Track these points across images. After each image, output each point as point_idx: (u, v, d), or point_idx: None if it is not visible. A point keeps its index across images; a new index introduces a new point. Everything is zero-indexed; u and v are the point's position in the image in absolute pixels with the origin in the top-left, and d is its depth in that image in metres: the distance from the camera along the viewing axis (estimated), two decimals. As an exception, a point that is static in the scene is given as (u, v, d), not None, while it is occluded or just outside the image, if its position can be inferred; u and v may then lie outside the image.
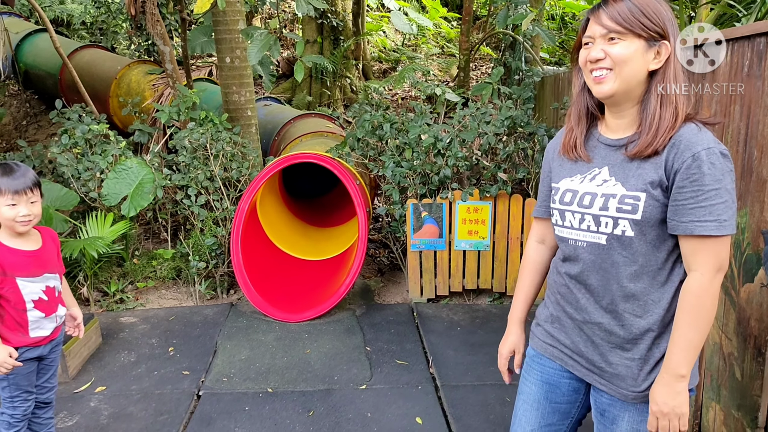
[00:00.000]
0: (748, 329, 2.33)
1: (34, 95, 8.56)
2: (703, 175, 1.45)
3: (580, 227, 1.66)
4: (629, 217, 1.55)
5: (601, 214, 1.60)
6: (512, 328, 1.99)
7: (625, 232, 1.56)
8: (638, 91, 1.55)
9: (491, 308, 4.67)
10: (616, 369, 1.64)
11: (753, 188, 2.28)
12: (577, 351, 1.74)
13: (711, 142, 1.47)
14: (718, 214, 1.45)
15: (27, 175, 2.36)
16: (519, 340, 1.97)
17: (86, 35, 9.54)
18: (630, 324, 1.61)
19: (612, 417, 1.69)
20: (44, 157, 5.46)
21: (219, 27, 5.43)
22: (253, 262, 4.74)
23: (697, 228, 1.46)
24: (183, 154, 4.97)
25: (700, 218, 1.46)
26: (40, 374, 2.57)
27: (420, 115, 4.86)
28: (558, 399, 1.83)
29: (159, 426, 3.12)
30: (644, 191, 1.53)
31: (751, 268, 2.31)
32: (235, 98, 5.56)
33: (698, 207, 1.46)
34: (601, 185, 1.61)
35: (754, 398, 2.30)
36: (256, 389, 3.49)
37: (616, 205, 1.56)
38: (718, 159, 1.45)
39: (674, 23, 1.53)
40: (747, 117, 2.31)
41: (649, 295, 1.59)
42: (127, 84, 6.98)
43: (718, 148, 1.46)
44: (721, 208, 1.45)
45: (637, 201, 1.53)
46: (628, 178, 1.56)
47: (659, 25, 1.50)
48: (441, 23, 11.67)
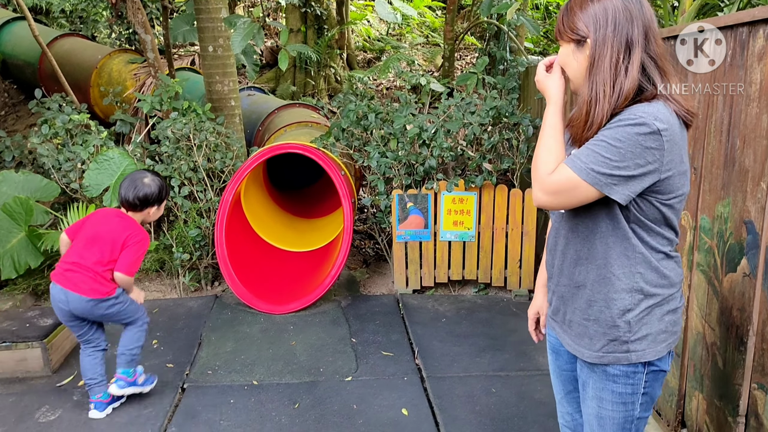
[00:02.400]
0: (731, 319, 2.35)
1: (12, 85, 8.41)
2: (606, 128, 1.53)
3: None
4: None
5: None
6: (537, 292, 2.10)
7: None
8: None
9: (477, 299, 4.68)
10: (576, 329, 1.76)
11: (735, 178, 2.30)
12: (554, 312, 1.87)
13: (640, 112, 1.50)
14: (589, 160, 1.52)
15: None
16: (542, 302, 2.06)
17: (66, 24, 9.38)
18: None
19: (582, 381, 1.81)
20: (24, 148, 5.38)
21: (201, 15, 5.35)
22: (238, 254, 4.71)
23: (568, 159, 1.58)
24: (166, 145, 4.90)
25: (577, 154, 1.56)
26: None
27: (405, 105, 4.83)
28: (563, 366, 1.95)
29: (143, 420, 3.10)
30: None
31: (733, 257, 2.33)
32: (219, 88, 5.50)
33: (584, 148, 1.56)
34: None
35: (736, 387, 2.32)
36: (242, 381, 3.47)
37: None
38: (631, 127, 1.49)
39: (602, 21, 1.57)
40: (730, 107, 2.32)
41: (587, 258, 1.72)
42: (108, 73, 6.88)
43: (644, 119, 1.49)
44: (588, 153, 1.53)
45: None
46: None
47: (581, 29, 1.59)
48: (425, 12, 11.62)
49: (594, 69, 1.58)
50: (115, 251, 3.04)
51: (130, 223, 3.11)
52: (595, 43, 1.57)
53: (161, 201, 3.21)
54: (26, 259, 4.34)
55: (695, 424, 2.65)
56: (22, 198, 4.40)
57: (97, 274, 3.01)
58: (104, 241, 3.04)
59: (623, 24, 1.55)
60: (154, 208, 3.18)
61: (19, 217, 4.38)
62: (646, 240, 1.62)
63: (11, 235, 4.36)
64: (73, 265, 3.02)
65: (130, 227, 3.09)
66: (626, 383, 1.69)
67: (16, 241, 4.36)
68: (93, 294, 2.99)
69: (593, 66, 1.58)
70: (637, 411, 1.72)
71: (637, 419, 1.74)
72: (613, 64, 1.55)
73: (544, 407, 3.17)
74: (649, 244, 1.63)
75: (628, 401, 1.71)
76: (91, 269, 3.01)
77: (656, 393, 1.74)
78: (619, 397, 1.71)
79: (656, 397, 1.76)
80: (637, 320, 1.64)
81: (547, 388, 3.34)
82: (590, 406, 1.78)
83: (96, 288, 3.00)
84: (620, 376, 1.68)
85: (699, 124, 2.53)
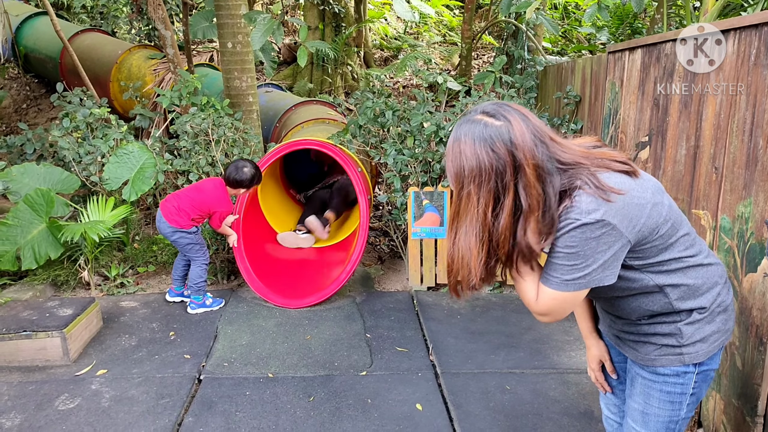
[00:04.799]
0: (750, 318, 2.34)
1: (34, 79, 8.52)
2: (555, 237, 1.49)
3: None
4: None
5: None
6: (589, 341, 2.01)
7: None
8: None
9: (491, 297, 4.67)
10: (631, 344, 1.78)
11: (758, 178, 2.28)
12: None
13: (571, 217, 1.46)
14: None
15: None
16: (601, 349, 1.98)
17: (86, 19, 9.48)
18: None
19: (632, 376, 1.82)
20: (45, 141, 5.45)
21: (221, 12, 5.39)
22: (254, 249, 4.74)
23: (542, 278, 1.57)
24: (184, 139, 4.95)
25: (547, 270, 1.54)
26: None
27: (422, 103, 4.84)
28: (614, 358, 1.96)
29: (160, 409, 3.13)
30: None
31: (754, 257, 2.31)
32: (237, 84, 5.54)
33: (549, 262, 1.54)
34: None
35: (755, 387, 2.31)
36: (257, 374, 3.50)
37: None
38: (571, 233, 1.46)
39: (463, 168, 1.50)
40: (753, 106, 2.31)
41: (623, 301, 1.71)
42: (127, 68, 6.95)
43: (577, 222, 1.45)
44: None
45: None
46: None
47: (455, 181, 1.53)
48: (443, 11, 11.61)
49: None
50: (204, 206, 4.16)
51: (223, 193, 4.21)
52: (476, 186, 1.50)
53: (249, 187, 4.24)
54: (46, 250, 4.40)
55: (712, 423, 2.64)
56: (43, 190, 4.46)
57: (182, 211, 4.12)
58: (201, 192, 4.20)
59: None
60: (242, 190, 4.25)
61: (40, 209, 4.44)
62: (663, 270, 1.60)
63: (32, 226, 4.42)
64: (174, 197, 4.20)
65: (221, 197, 4.20)
66: (676, 383, 1.69)
67: (36, 232, 4.42)
68: (174, 224, 4.13)
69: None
70: (683, 411, 1.72)
71: (682, 419, 1.74)
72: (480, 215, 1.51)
73: (559, 404, 3.17)
74: (667, 272, 1.60)
75: (675, 401, 1.71)
76: (181, 208, 4.13)
77: (703, 394, 1.73)
78: (667, 396, 1.70)
79: (702, 398, 1.75)
80: (690, 333, 1.64)
81: (562, 386, 3.33)
82: (637, 401, 1.78)
83: (177, 220, 4.13)
84: (671, 376, 1.68)
85: (721, 123, 2.52)
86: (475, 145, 1.47)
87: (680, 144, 2.89)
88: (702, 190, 2.70)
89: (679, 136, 2.90)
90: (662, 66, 3.06)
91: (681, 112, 2.88)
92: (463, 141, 1.49)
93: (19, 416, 3.06)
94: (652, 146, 3.21)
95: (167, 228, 4.12)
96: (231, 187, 4.19)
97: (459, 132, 1.51)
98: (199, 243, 4.26)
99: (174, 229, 4.11)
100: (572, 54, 8.58)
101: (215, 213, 4.20)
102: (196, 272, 4.27)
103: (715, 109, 2.57)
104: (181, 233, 4.14)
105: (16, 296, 4.31)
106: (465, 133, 1.49)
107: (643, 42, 3.27)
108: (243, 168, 4.16)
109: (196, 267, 4.27)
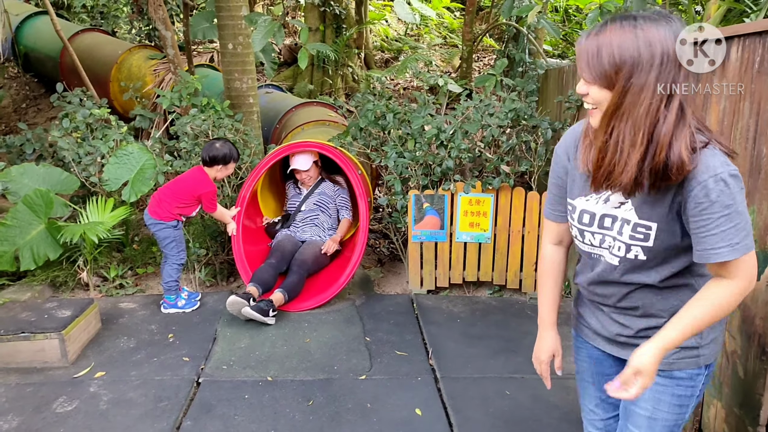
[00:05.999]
0: (753, 327, 2.33)
1: (33, 78, 8.50)
2: (711, 203, 1.43)
3: (601, 245, 1.70)
4: (641, 244, 1.59)
5: (616, 237, 1.63)
6: (547, 332, 1.97)
7: (638, 256, 1.61)
8: None
9: (491, 301, 4.66)
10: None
11: (761, 186, 2.27)
12: (598, 329, 1.82)
13: (719, 166, 1.43)
14: (730, 238, 1.44)
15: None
16: (557, 343, 1.96)
17: (87, 19, 9.47)
18: (636, 324, 1.72)
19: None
20: (44, 141, 5.44)
21: (222, 13, 5.38)
22: (254, 250, 4.73)
23: (712, 256, 1.47)
24: (184, 141, 4.94)
25: (714, 246, 1.46)
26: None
27: (423, 106, 4.83)
28: (606, 371, 1.89)
29: (159, 412, 3.12)
30: (656, 221, 1.55)
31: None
32: (237, 85, 5.52)
33: (710, 235, 1.46)
34: (618, 207, 1.61)
35: (757, 397, 2.30)
36: (256, 377, 3.49)
37: (629, 233, 1.59)
38: (726, 184, 1.42)
39: (640, 55, 1.40)
40: (757, 114, 2.30)
41: (655, 304, 1.66)
42: (128, 69, 6.94)
43: (727, 171, 1.43)
44: (733, 231, 1.44)
45: (649, 230, 1.56)
46: (642, 204, 1.56)
47: (616, 72, 1.42)
48: (444, 13, 11.61)
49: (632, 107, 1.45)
50: (186, 193, 4.19)
51: (201, 175, 4.23)
52: (639, 75, 1.43)
53: (226, 163, 4.22)
54: (45, 251, 4.39)
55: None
56: (42, 190, 4.45)
57: (163, 202, 4.18)
58: (181, 181, 4.26)
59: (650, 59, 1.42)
60: (219, 166, 4.22)
61: (39, 210, 4.42)
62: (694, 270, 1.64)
63: (31, 226, 4.41)
64: (158, 191, 4.25)
65: (200, 177, 4.22)
66: (688, 386, 1.68)
67: (35, 233, 4.40)
68: (155, 216, 4.18)
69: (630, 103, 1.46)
70: (688, 413, 1.72)
71: (682, 422, 1.74)
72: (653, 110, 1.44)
73: (559, 410, 3.16)
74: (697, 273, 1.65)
75: (684, 404, 1.70)
76: (162, 200, 4.18)
77: (702, 395, 1.75)
78: (678, 399, 1.69)
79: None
80: (707, 332, 1.65)
81: (561, 391, 3.32)
82: (643, 407, 1.74)
83: (157, 212, 4.18)
84: (685, 379, 1.67)
85: (724, 130, 2.51)
86: (660, 33, 1.39)
87: (682, 150, 2.89)
88: (704, 196, 2.69)
89: (682, 143, 2.89)
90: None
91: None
92: (644, 27, 1.40)
93: (17, 418, 3.05)
94: (654, 152, 3.21)
95: (149, 219, 4.21)
96: (208, 167, 4.23)
97: (631, 19, 1.41)
98: (177, 240, 4.26)
99: (154, 220, 4.18)
100: (573, 57, 8.57)
101: (202, 195, 4.22)
102: (168, 271, 4.28)
103: (718, 116, 2.56)
104: (160, 225, 4.18)
105: (14, 297, 4.30)
106: (644, 20, 1.40)
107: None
108: (214, 144, 4.24)
109: (168, 266, 4.28)
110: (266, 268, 4.43)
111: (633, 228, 1.58)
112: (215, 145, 4.23)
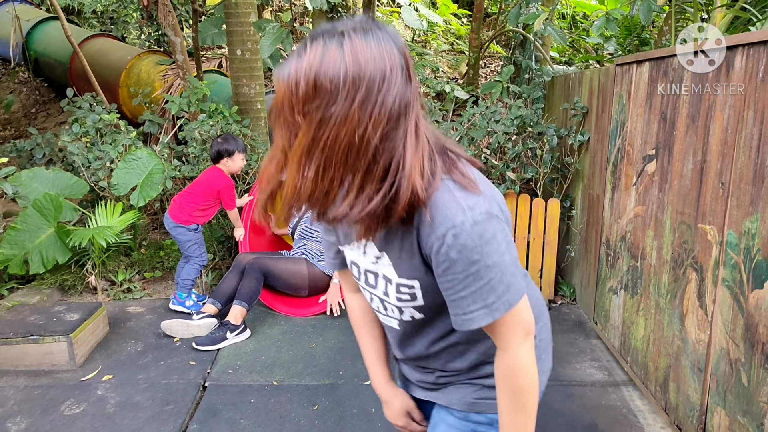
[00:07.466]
0: (756, 335, 2.33)
1: (43, 83, 8.58)
2: (452, 262, 1.16)
3: (373, 305, 1.47)
4: (413, 304, 1.33)
5: (385, 299, 1.38)
6: (389, 393, 1.64)
7: (414, 317, 1.37)
8: None
9: (496, 307, 4.67)
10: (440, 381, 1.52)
11: (765, 194, 2.28)
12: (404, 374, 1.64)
13: (458, 214, 1.14)
14: (484, 298, 1.18)
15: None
16: (405, 400, 1.63)
17: (97, 24, 9.56)
18: (440, 369, 1.50)
19: (433, 424, 1.55)
20: (54, 145, 5.49)
21: (231, 19, 5.43)
22: (260, 255, 4.75)
23: (466, 322, 1.22)
24: (193, 146, 4.98)
25: (466, 310, 1.21)
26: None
27: (429, 112, 4.86)
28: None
29: (165, 416, 3.15)
30: (416, 278, 1.27)
31: (760, 274, 2.31)
32: (245, 91, 5.57)
33: (459, 298, 1.20)
34: (376, 263, 1.33)
35: (761, 405, 2.30)
36: (262, 382, 3.51)
37: (395, 294, 1.33)
38: (468, 236, 1.13)
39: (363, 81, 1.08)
40: (761, 123, 2.31)
41: (456, 347, 1.43)
42: (137, 74, 6.99)
43: (470, 219, 1.13)
44: (486, 289, 1.18)
45: (413, 289, 1.30)
46: (398, 261, 1.28)
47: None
48: (451, 20, 11.65)
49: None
50: (205, 193, 4.26)
51: (217, 171, 4.29)
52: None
53: (231, 154, 4.25)
54: (54, 255, 4.43)
55: (717, 440, 2.63)
56: (52, 195, 4.49)
57: (183, 207, 4.25)
58: (198, 183, 4.31)
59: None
60: (226, 159, 4.26)
61: (49, 214, 4.47)
62: None
63: (40, 230, 4.45)
64: (178, 196, 4.33)
65: (216, 174, 4.27)
66: None
67: (45, 237, 4.45)
68: (175, 220, 4.25)
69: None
70: None
71: None
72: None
73: (563, 417, 3.17)
74: None
75: None
76: (182, 204, 4.26)
77: None
78: None
79: None
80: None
81: (566, 398, 3.33)
82: None
83: (178, 216, 4.25)
84: (483, 424, 1.46)
85: (728, 139, 2.52)
86: (381, 46, 1.12)
87: (687, 158, 2.90)
88: (708, 205, 2.70)
89: (686, 151, 2.90)
90: (669, 80, 3.07)
91: (688, 127, 2.88)
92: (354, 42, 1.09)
93: (25, 421, 3.08)
94: (659, 160, 3.21)
95: (170, 222, 4.28)
96: (216, 162, 4.31)
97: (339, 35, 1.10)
98: (198, 242, 4.35)
99: (175, 224, 4.26)
100: (580, 64, 8.58)
101: (221, 191, 4.26)
102: (187, 270, 4.37)
103: (722, 124, 2.58)
104: (180, 228, 4.26)
105: (23, 300, 4.34)
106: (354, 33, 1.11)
107: (651, 55, 3.27)
108: (216, 140, 4.33)
109: (189, 265, 4.37)
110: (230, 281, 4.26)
111: (396, 288, 1.32)
112: (217, 141, 4.33)
